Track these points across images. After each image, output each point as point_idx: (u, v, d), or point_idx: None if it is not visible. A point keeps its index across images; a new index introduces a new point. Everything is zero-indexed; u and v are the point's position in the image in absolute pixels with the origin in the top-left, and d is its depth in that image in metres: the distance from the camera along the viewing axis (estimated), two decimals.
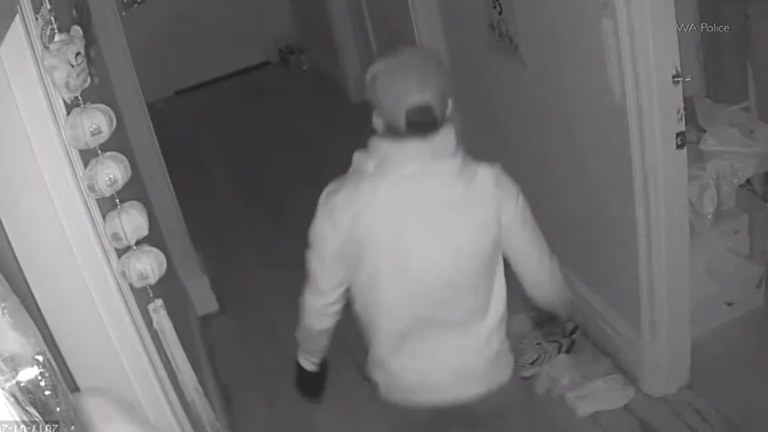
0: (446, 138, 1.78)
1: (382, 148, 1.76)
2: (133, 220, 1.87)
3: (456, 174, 1.78)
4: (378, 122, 1.74)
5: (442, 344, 1.86)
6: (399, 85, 1.67)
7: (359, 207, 1.76)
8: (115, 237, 1.85)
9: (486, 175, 1.80)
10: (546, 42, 2.87)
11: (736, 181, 3.03)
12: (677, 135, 2.47)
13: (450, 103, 1.77)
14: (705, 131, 3.04)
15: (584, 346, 3.17)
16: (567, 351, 3.13)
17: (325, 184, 1.88)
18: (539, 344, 3.16)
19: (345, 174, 1.82)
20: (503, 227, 1.81)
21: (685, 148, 2.52)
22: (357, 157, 1.83)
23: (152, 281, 1.95)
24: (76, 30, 1.82)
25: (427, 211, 1.76)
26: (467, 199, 1.78)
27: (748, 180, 3.10)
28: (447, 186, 1.77)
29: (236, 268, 4.26)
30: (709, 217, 3.00)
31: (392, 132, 1.71)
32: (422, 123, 1.69)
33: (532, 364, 3.13)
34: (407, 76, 1.68)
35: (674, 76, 2.39)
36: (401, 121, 1.68)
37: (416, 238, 1.76)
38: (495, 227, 1.80)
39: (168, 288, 2.45)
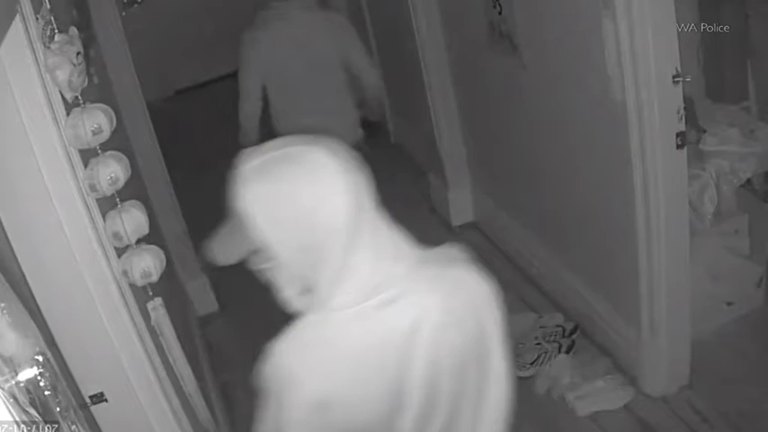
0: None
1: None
2: (134, 219, 1.88)
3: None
4: None
5: None
6: None
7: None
8: (116, 236, 1.85)
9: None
10: (546, 42, 2.86)
11: (736, 181, 3.03)
12: (677, 135, 2.47)
13: None
14: (705, 131, 3.04)
15: (584, 346, 3.17)
16: (567, 351, 3.13)
17: None
18: (539, 344, 3.16)
19: None
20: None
21: (685, 148, 2.52)
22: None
23: (155, 278, 1.95)
24: (74, 30, 1.83)
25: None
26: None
27: (748, 180, 3.10)
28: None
29: (236, 268, 4.23)
30: (709, 217, 2.99)
31: None
32: None
33: (532, 364, 3.13)
34: None
35: (674, 76, 2.39)
36: None
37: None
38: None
39: (168, 287, 2.46)
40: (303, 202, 1.22)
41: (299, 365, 1.30)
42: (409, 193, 4.50)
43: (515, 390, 1.47)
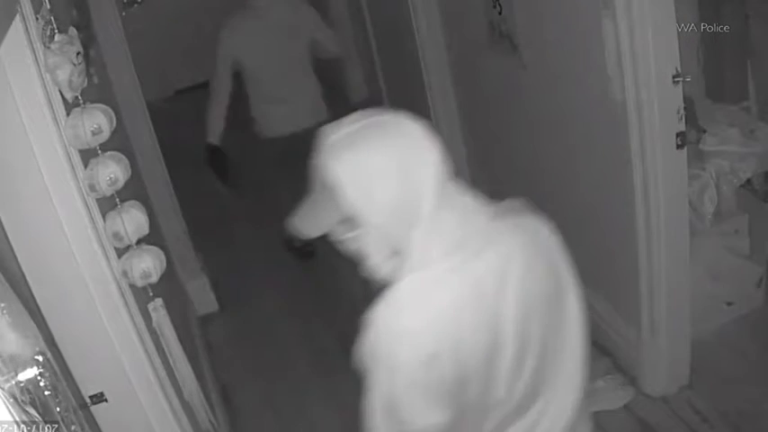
0: None
1: None
2: (134, 219, 1.88)
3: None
4: None
5: None
6: None
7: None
8: (116, 236, 1.85)
9: None
10: (546, 42, 2.86)
11: (736, 181, 3.03)
12: (677, 135, 2.47)
13: None
14: (705, 131, 3.04)
15: None
16: None
17: None
18: None
19: None
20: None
21: (685, 148, 2.52)
22: None
23: (154, 279, 1.95)
24: (74, 30, 1.83)
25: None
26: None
27: (748, 180, 3.10)
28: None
29: (236, 268, 4.25)
30: (709, 217, 2.99)
31: None
32: None
33: None
34: None
35: (674, 76, 2.39)
36: None
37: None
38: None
39: (168, 288, 2.46)
40: (394, 166, 1.28)
41: (408, 325, 1.33)
42: None
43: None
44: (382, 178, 1.28)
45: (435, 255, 1.33)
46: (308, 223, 1.41)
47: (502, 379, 1.40)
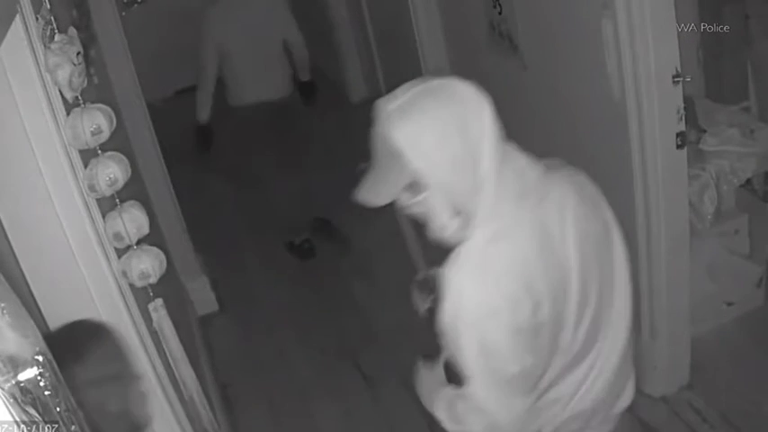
0: None
1: None
2: (135, 219, 1.88)
3: None
4: None
5: None
6: None
7: None
8: (117, 236, 1.85)
9: None
10: (546, 42, 2.86)
11: (736, 181, 3.03)
12: (677, 135, 2.47)
13: None
14: (705, 131, 3.04)
15: None
16: None
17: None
18: None
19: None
20: None
21: (685, 148, 2.52)
22: None
23: (153, 280, 1.95)
24: (74, 30, 1.83)
25: None
26: None
27: (748, 180, 3.10)
28: None
29: (236, 268, 4.25)
30: (709, 217, 2.99)
31: None
32: None
33: None
34: None
35: (674, 76, 2.39)
36: None
37: None
38: None
39: (168, 288, 2.46)
40: (452, 126, 1.36)
41: (488, 277, 1.40)
42: None
43: None
44: (442, 139, 1.35)
45: (500, 207, 1.40)
46: (374, 193, 1.44)
47: (568, 324, 1.48)
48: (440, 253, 1.49)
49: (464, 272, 1.41)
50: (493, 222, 1.40)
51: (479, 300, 1.40)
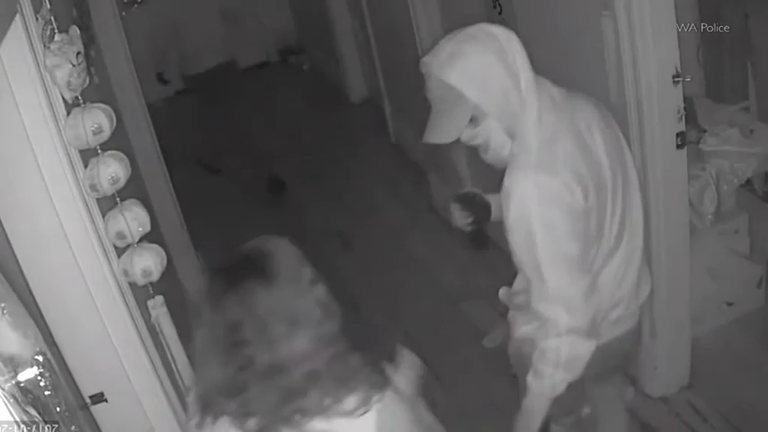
0: None
1: None
2: (137, 217, 1.88)
3: None
4: None
5: None
6: None
7: None
8: (119, 235, 1.85)
9: None
10: (546, 42, 2.86)
11: (736, 181, 3.03)
12: (677, 135, 2.47)
13: None
14: (705, 131, 3.04)
15: None
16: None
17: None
18: None
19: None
20: None
21: (685, 148, 2.52)
22: None
23: (155, 277, 1.95)
24: (74, 30, 1.83)
25: None
26: None
27: (748, 180, 3.10)
28: None
29: None
30: (710, 217, 2.99)
31: None
32: None
33: None
34: None
35: (674, 76, 2.39)
36: None
37: None
38: None
39: (168, 286, 2.46)
40: (496, 60, 1.65)
41: (549, 175, 1.67)
42: (409, 193, 4.50)
43: (515, 390, 1.51)
44: (489, 70, 1.65)
45: (544, 117, 1.69)
46: (439, 133, 1.73)
47: (606, 213, 1.78)
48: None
49: (528, 169, 1.68)
50: (541, 130, 1.69)
51: (543, 187, 1.67)
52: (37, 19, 1.66)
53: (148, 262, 1.91)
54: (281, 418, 1.31)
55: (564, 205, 1.67)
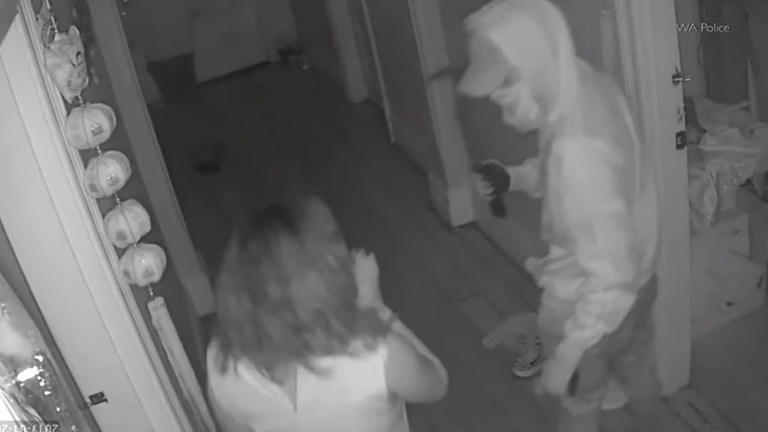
0: None
1: None
2: (137, 216, 1.88)
3: None
4: None
5: None
6: None
7: None
8: (120, 235, 1.85)
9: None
10: None
11: (736, 181, 3.03)
12: (677, 135, 2.47)
13: None
14: (705, 131, 3.04)
15: None
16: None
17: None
18: (539, 344, 3.17)
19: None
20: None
21: (685, 148, 2.52)
22: None
23: (157, 276, 1.95)
24: (74, 30, 1.83)
25: None
26: None
27: (748, 180, 3.10)
28: None
29: None
30: (710, 217, 2.99)
31: None
32: None
33: (532, 364, 3.13)
34: None
35: (674, 76, 2.39)
36: None
37: None
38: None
39: (168, 287, 2.46)
40: (536, 26, 1.78)
41: (595, 135, 1.82)
42: (409, 193, 4.50)
43: (515, 390, 1.52)
44: (529, 37, 1.77)
45: (582, 87, 1.83)
46: (475, 85, 1.87)
47: (636, 172, 1.94)
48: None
49: (576, 133, 1.82)
50: (581, 97, 1.83)
51: (592, 148, 1.81)
52: (37, 19, 1.66)
53: (150, 262, 1.91)
54: (290, 351, 1.46)
55: (610, 164, 1.82)
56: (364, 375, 1.50)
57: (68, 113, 1.74)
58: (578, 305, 1.94)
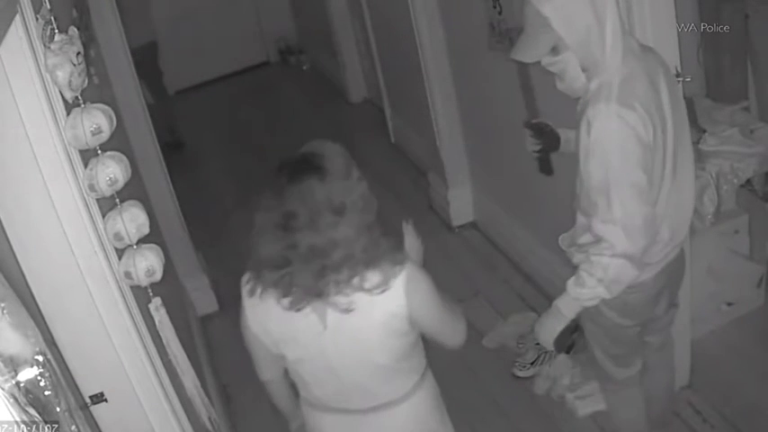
0: None
1: None
2: (135, 218, 1.88)
3: None
4: None
5: None
6: None
7: None
8: (117, 236, 1.85)
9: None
10: None
11: (736, 181, 3.03)
12: None
13: None
14: (705, 131, 3.04)
15: (584, 346, 3.17)
16: (567, 351, 3.13)
17: None
18: (539, 344, 3.17)
19: None
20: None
21: None
22: None
23: (158, 276, 1.95)
24: (74, 30, 1.83)
25: None
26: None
27: (748, 180, 3.10)
28: None
29: (236, 268, 4.24)
30: (710, 217, 2.99)
31: None
32: None
33: (532, 364, 3.13)
34: None
35: (674, 76, 2.39)
36: None
37: None
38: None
39: (168, 287, 2.46)
40: (590, 3, 1.84)
41: (628, 108, 1.87)
42: (409, 193, 4.50)
43: (515, 390, 1.53)
44: (579, 12, 1.84)
45: (625, 60, 1.90)
46: (526, 52, 1.95)
47: (668, 152, 1.98)
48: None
49: (610, 102, 1.87)
50: (622, 69, 1.89)
51: (623, 118, 1.86)
52: (37, 19, 1.66)
53: (151, 261, 1.91)
54: (317, 292, 1.64)
55: (638, 137, 1.87)
56: (386, 295, 1.67)
57: (68, 113, 1.74)
58: (583, 264, 2.01)
